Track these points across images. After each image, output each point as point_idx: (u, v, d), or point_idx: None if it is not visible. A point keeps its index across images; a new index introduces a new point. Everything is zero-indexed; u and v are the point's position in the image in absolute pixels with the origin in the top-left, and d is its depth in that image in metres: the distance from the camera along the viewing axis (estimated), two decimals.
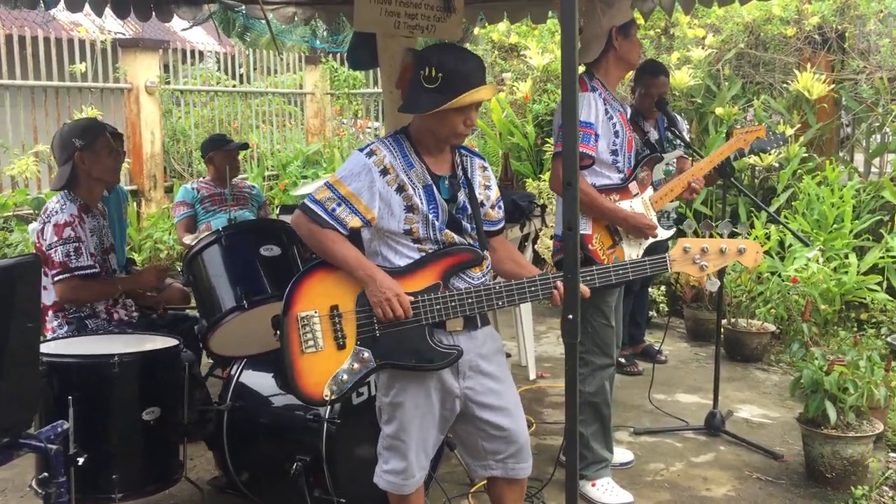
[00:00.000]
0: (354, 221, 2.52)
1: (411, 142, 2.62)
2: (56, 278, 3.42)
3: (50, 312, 3.51)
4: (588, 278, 2.60)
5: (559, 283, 2.51)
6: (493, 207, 2.76)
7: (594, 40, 3.42)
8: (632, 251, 3.48)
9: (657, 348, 5.28)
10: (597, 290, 3.32)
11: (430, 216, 2.54)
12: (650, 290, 6.04)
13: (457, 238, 2.59)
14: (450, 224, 2.58)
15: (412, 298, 2.51)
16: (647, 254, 3.47)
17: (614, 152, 3.41)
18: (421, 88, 2.49)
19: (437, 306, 2.52)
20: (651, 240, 3.52)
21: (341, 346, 2.52)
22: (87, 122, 3.77)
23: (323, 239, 2.52)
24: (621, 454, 3.92)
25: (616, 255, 3.41)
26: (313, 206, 2.53)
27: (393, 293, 2.47)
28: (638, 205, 3.49)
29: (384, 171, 2.53)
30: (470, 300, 2.54)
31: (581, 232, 3.26)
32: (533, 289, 2.56)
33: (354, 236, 2.58)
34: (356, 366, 2.52)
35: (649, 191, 3.60)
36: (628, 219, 3.40)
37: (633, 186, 3.49)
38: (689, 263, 2.72)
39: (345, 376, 2.51)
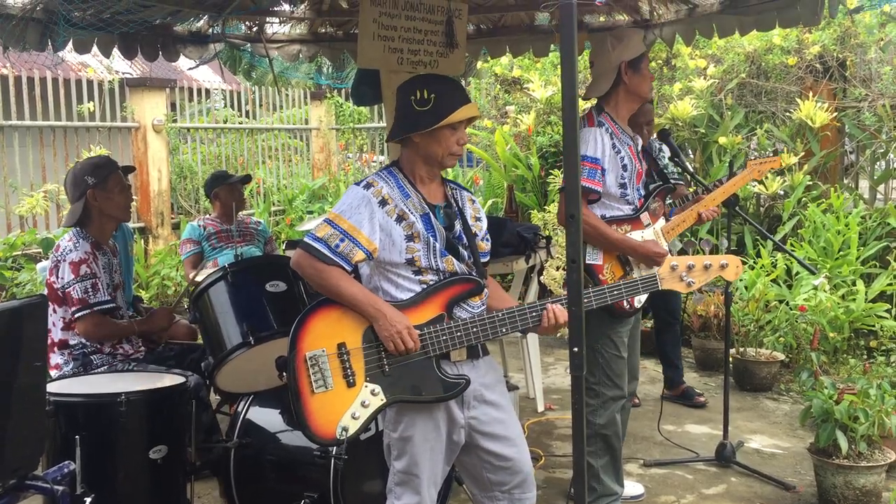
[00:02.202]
0: (358, 255, 2.52)
1: (404, 174, 2.66)
2: (77, 315, 3.47)
3: (55, 349, 3.53)
4: (583, 302, 2.61)
5: (550, 306, 2.58)
6: (483, 239, 2.78)
7: (603, 75, 3.43)
8: None
9: (698, 391, 5.24)
10: (608, 321, 3.37)
11: (432, 241, 2.57)
12: None
13: (457, 265, 2.61)
14: (449, 250, 2.61)
15: (419, 331, 2.51)
16: None
17: (622, 185, 3.41)
18: (413, 112, 2.55)
19: (444, 337, 2.53)
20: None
21: (351, 384, 2.50)
22: (99, 159, 3.82)
23: (328, 277, 2.50)
24: (632, 487, 3.88)
25: None
26: (315, 244, 2.51)
27: (403, 326, 2.48)
28: (649, 234, 3.47)
29: (383, 202, 2.55)
30: (475, 329, 2.55)
31: (591, 262, 3.34)
32: (534, 314, 2.60)
33: (354, 273, 2.59)
34: (367, 402, 2.50)
35: (661, 221, 3.60)
36: (637, 249, 3.39)
37: (644, 217, 3.48)
38: (676, 280, 2.83)
39: (356, 414, 2.49)
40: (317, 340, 2.50)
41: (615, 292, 2.76)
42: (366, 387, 2.50)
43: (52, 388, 2.99)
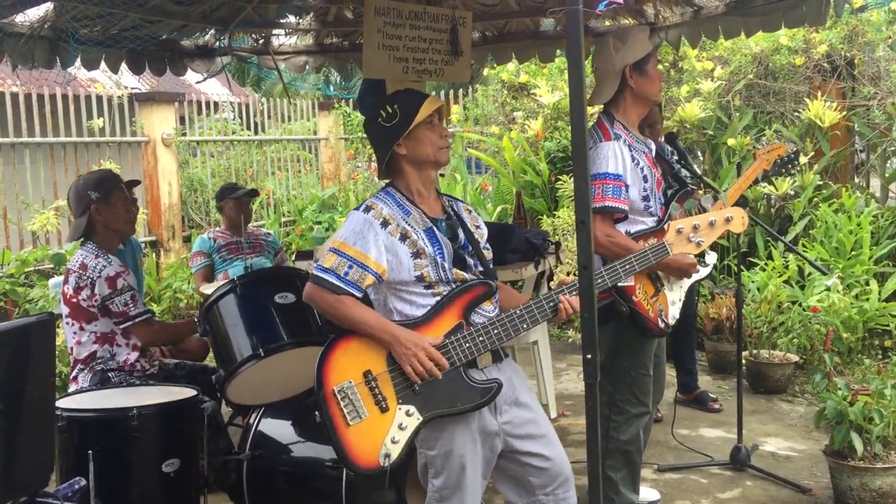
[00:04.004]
0: (368, 280, 2.51)
1: (401, 192, 2.67)
2: (121, 328, 3.54)
3: (79, 365, 3.55)
4: (598, 281, 2.66)
5: (563, 297, 2.59)
6: (483, 248, 2.77)
7: (606, 80, 3.30)
8: (674, 296, 3.34)
9: (712, 396, 5.21)
10: (639, 340, 3.30)
11: (437, 257, 2.56)
12: None
13: (466, 275, 2.61)
14: (456, 262, 2.61)
15: (439, 342, 2.50)
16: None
17: (645, 198, 3.28)
18: (385, 130, 2.61)
19: (467, 345, 2.53)
20: (694, 278, 3.39)
21: (384, 409, 2.48)
22: (101, 174, 3.84)
23: (339, 307, 2.50)
24: (648, 493, 3.86)
25: (660, 303, 3.27)
26: (325, 276, 2.51)
27: (420, 348, 2.46)
28: None
29: (385, 223, 2.55)
30: (496, 331, 2.55)
31: (623, 285, 3.11)
32: (551, 304, 2.60)
33: (365, 299, 2.58)
34: (404, 424, 2.48)
35: None
36: (670, 263, 3.16)
37: (668, 227, 3.33)
38: (685, 243, 2.80)
39: (395, 437, 2.47)
40: (342, 373, 2.48)
41: (627, 266, 2.76)
42: (400, 409, 2.48)
43: (64, 403, 3.01)
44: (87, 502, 2.71)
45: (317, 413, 2.49)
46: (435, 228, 2.62)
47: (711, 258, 3.57)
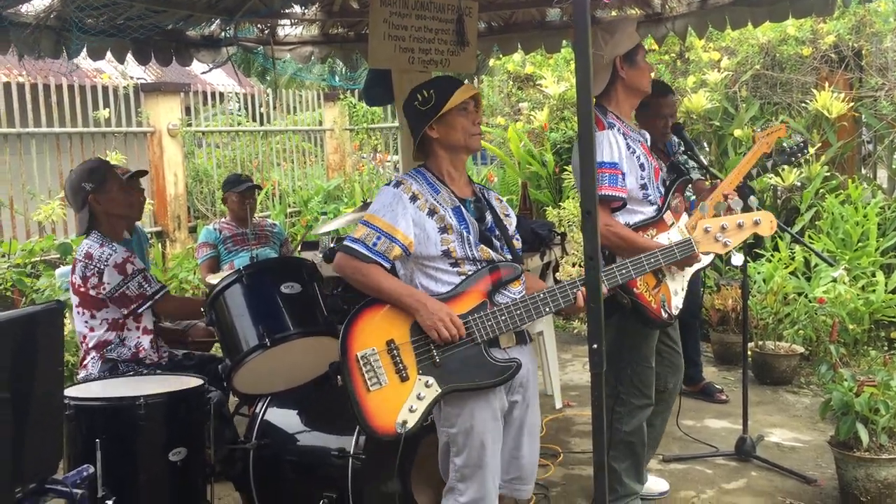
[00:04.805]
0: (395, 251, 2.59)
1: (432, 173, 2.75)
2: (142, 309, 3.55)
3: (92, 352, 3.56)
4: (623, 272, 2.74)
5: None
6: (512, 236, 2.83)
7: (597, 72, 3.28)
8: (676, 285, 3.35)
9: (718, 387, 5.21)
10: (642, 331, 3.34)
11: (465, 233, 2.63)
12: None
13: (493, 254, 2.66)
14: (482, 240, 2.67)
15: (463, 320, 2.56)
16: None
17: (643, 186, 3.28)
18: (420, 113, 2.67)
19: (489, 323, 2.59)
20: (695, 267, 3.40)
21: (405, 378, 2.55)
22: (90, 164, 3.83)
23: (368, 274, 2.58)
24: (657, 483, 3.86)
25: (662, 293, 3.27)
26: (354, 245, 2.60)
27: (445, 313, 2.53)
28: (675, 235, 3.34)
29: (413, 198, 2.64)
30: (518, 312, 2.61)
31: None
32: (574, 291, 2.63)
33: (393, 272, 2.66)
34: (422, 394, 2.55)
35: (684, 217, 3.46)
36: None
37: (668, 217, 3.35)
38: (712, 242, 2.81)
39: (413, 406, 2.54)
40: (366, 340, 2.56)
41: (652, 260, 2.79)
42: (419, 379, 2.56)
43: (72, 392, 3.02)
44: (95, 489, 2.72)
45: (339, 377, 2.56)
46: (462, 208, 2.69)
47: (738, 259, 3.61)
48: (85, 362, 3.58)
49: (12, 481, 2.03)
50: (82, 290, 3.53)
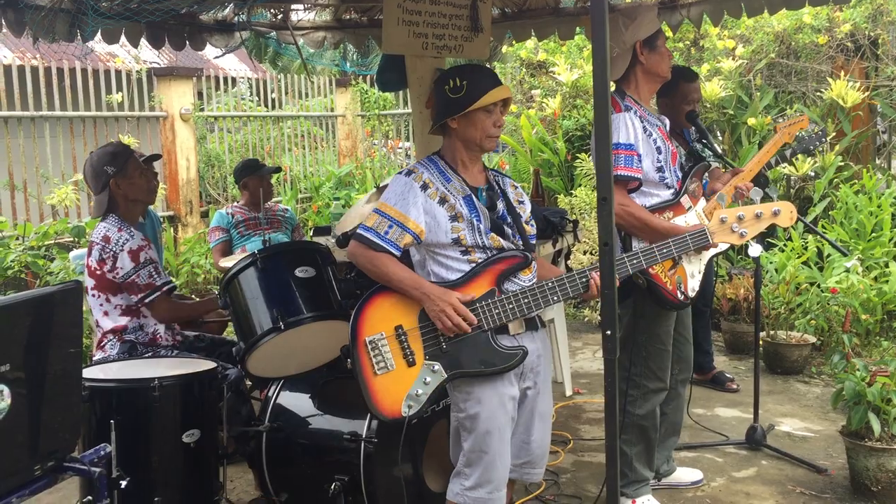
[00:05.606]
0: (406, 239, 2.63)
1: (445, 161, 2.76)
2: (148, 300, 3.56)
3: (110, 336, 3.58)
4: (634, 261, 2.76)
5: (594, 274, 2.63)
6: (527, 223, 2.84)
7: (618, 56, 3.31)
8: (693, 268, 3.33)
9: (729, 376, 5.20)
10: (657, 313, 3.33)
11: (475, 221, 2.64)
12: None
13: (503, 242, 2.68)
14: (493, 229, 2.68)
15: (468, 302, 2.59)
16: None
17: (660, 169, 3.28)
18: (448, 100, 2.66)
19: (497, 310, 2.62)
20: (712, 252, 3.37)
21: (411, 363, 2.61)
22: (113, 147, 3.85)
23: (378, 263, 2.62)
24: (689, 473, 3.87)
25: (678, 275, 3.26)
26: (366, 234, 2.64)
27: (447, 303, 2.56)
28: (693, 218, 3.35)
29: (424, 186, 2.66)
30: (526, 300, 2.63)
31: None
32: (583, 279, 2.66)
33: (404, 258, 2.68)
34: (428, 379, 2.60)
35: (702, 202, 3.45)
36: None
37: (685, 200, 3.35)
38: (728, 233, 2.80)
39: (419, 391, 2.60)
40: (375, 325, 2.62)
41: (664, 250, 2.79)
42: (426, 364, 2.60)
43: (87, 373, 3.04)
44: (111, 469, 2.74)
45: (349, 360, 2.61)
46: (474, 196, 2.71)
47: (755, 250, 3.59)
48: (102, 344, 3.61)
49: (31, 459, 2.05)
50: (98, 272, 3.56)
